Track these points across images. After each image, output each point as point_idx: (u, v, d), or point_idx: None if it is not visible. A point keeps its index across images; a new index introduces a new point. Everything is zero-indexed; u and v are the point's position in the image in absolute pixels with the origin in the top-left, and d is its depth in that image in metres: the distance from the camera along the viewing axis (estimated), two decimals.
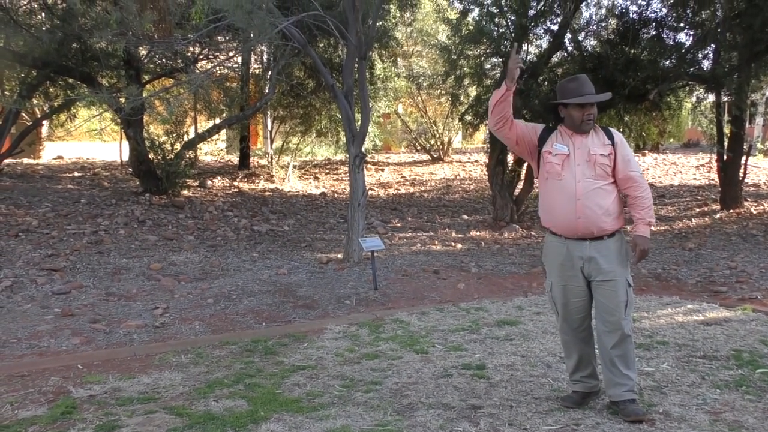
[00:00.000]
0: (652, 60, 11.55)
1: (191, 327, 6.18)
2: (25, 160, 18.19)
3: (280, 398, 4.24)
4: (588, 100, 3.91)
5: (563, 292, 4.02)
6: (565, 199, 3.90)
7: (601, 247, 3.89)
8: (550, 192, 4.00)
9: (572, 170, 3.90)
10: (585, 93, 3.93)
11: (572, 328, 4.06)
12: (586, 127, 3.94)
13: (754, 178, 17.41)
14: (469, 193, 17.23)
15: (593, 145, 3.93)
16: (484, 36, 12.15)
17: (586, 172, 3.88)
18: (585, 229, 3.87)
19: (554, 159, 3.95)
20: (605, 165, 3.89)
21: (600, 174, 3.88)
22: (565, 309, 4.04)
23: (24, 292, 7.26)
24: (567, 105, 3.96)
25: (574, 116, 3.94)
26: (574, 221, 3.89)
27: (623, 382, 3.90)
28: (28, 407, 4.12)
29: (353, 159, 9.19)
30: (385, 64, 17.50)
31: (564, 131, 4.02)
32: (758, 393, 4.22)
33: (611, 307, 3.89)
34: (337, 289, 7.65)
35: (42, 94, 14.07)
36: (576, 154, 3.92)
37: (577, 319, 4.04)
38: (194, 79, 9.07)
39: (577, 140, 3.95)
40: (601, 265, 3.88)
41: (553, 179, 3.96)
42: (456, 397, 4.24)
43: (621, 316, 3.87)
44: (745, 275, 8.31)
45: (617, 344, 3.90)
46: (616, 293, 3.88)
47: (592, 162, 3.89)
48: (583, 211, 3.86)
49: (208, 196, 14.09)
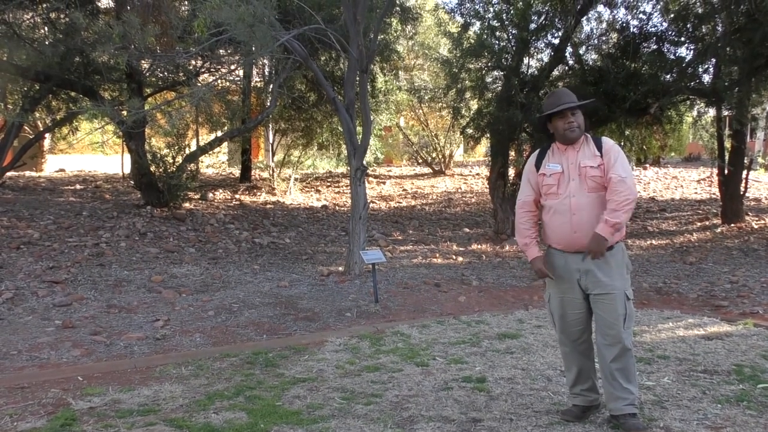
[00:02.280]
0: (653, 74, 11.59)
1: (192, 339, 6.17)
2: (27, 173, 18.25)
3: (281, 410, 4.23)
4: (563, 107, 3.95)
5: (561, 303, 4.03)
6: (562, 214, 3.93)
7: (598, 260, 3.90)
8: (548, 209, 4.03)
9: (566, 186, 3.93)
10: (562, 103, 3.96)
11: (571, 340, 4.06)
12: (570, 134, 3.96)
13: (755, 193, 17.42)
14: (471, 206, 17.24)
15: (583, 158, 3.94)
16: (485, 49, 12.19)
17: (580, 186, 3.90)
18: (581, 242, 3.88)
19: (550, 180, 3.99)
20: (596, 177, 3.88)
21: (593, 187, 3.89)
22: (563, 321, 4.05)
23: (25, 304, 7.27)
24: (551, 119, 4.01)
25: (557, 127, 3.99)
26: (571, 236, 3.90)
27: (624, 396, 3.88)
28: (28, 419, 4.11)
29: (354, 172, 9.21)
30: (386, 78, 17.54)
31: (557, 147, 4.06)
32: (759, 408, 4.20)
33: (610, 320, 3.88)
34: (338, 301, 7.65)
35: (44, 107, 14.13)
36: (569, 170, 3.95)
37: (575, 331, 4.04)
38: (196, 92, 9.11)
39: (570, 155, 3.98)
40: (599, 278, 3.88)
41: (550, 198, 4.00)
42: (456, 410, 4.23)
43: (620, 330, 3.86)
44: (746, 290, 8.30)
45: (617, 357, 3.88)
46: (614, 306, 3.87)
47: (583, 176, 3.90)
48: (578, 225, 3.87)
49: (210, 208, 14.11)
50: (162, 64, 11.49)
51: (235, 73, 14.35)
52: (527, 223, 4.14)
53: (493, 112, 12.39)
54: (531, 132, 12.66)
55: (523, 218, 4.15)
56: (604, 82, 11.42)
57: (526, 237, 4.12)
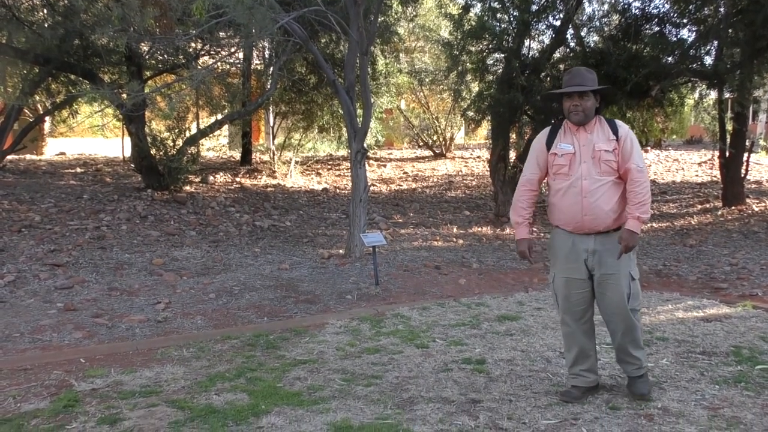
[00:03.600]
0: (655, 56, 11.53)
1: (193, 321, 6.20)
2: (27, 156, 18.23)
3: (281, 392, 4.26)
4: (566, 90, 3.94)
5: (566, 284, 4.05)
6: (572, 196, 3.93)
7: (606, 241, 3.92)
8: (557, 190, 4.02)
9: (578, 168, 3.92)
10: (572, 84, 3.94)
11: (574, 320, 4.09)
12: (574, 118, 3.95)
13: (756, 175, 17.39)
14: (471, 189, 17.23)
15: (598, 140, 3.92)
16: (486, 31, 12.13)
17: (592, 169, 3.89)
18: (591, 225, 3.91)
19: (561, 160, 3.97)
20: (610, 161, 3.88)
21: (605, 170, 3.89)
22: (567, 301, 4.07)
23: (27, 287, 7.29)
24: (561, 97, 4.01)
25: (564, 107, 3.99)
26: (581, 218, 3.92)
27: (632, 362, 4.10)
28: (31, 400, 4.14)
29: (355, 155, 9.20)
30: (387, 60, 17.48)
31: (568, 127, 4.04)
32: (757, 389, 4.23)
33: (615, 299, 3.95)
34: (339, 284, 7.67)
35: (44, 90, 14.09)
36: (581, 152, 3.93)
37: (579, 311, 4.07)
38: (196, 75, 9.09)
39: (582, 136, 3.95)
40: (605, 259, 3.92)
41: (560, 179, 3.98)
42: (456, 391, 4.26)
43: (624, 308, 3.94)
44: (746, 272, 8.32)
45: (625, 333, 4.02)
46: (619, 286, 3.93)
47: (596, 159, 3.89)
48: (589, 208, 3.89)
49: (210, 191, 14.11)
50: (161, 46, 11.43)
51: (235, 56, 14.27)
52: (526, 202, 4.11)
53: (494, 95, 12.35)
54: (532, 115, 12.63)
55: (524, 196, 4.11)
56: (606, 65, 11.36)
57: (520, 216, 4.10)
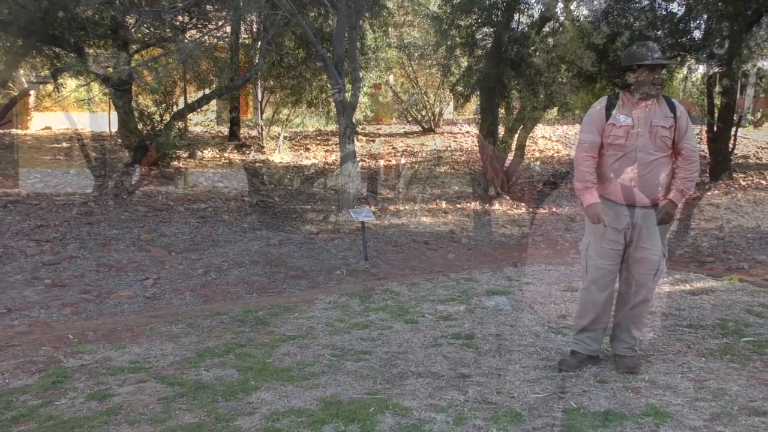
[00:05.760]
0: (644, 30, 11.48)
1: (182, 297, 6.19)
2: (12, 130, 18.02)
3: (271, 367, 4.26)
4: (657, 61, 3.95)
5: (599, 253, 4.10)
6: (625, 168, 3.98)
7: (648, 215, 3.99)
8: (609, 161, 4.04)
9: (634, 141, 3.95)
10: (656, 58, 3.96)
11: (600, 289, 4.14)
12: (654, 91, 3.97)
13: (743, 150, 17.45)
14: (460, 164, 17.20)
15: (655, 116, 3.96)
16: (475, 5, 12.05)
17: (648, 143, 3.94)
18: (640, 197, 3.97)
19: (618, 131, 3.99)
20: (666, 137, 3.95)
21: (660, 146, 3.95)
22: (597, 270, 4.12)
23: (14, 262, 7.25)
24: (636, 69, 3.98)
25: (643, 80, 3.97)
26: (631, 190, 3.97)
27: (627, 341, 4.19)
28: (20, 377, 4.13)
29: (344, 130, 9.16)
30: (375, 34, 17.32)
31: (627, 100, 4.05)
32: (742, 361, 4.28)
33: (642, 272, 4.05)
34: (328, 259, 7.67)
35: (28, 63, 13.88)
36: (639, 125, 3.96)
37: (607, 281, 4.13)
38: (183, 49, 9.00)
39: (640, 110, 3.99)
40: (643, 234, 3.99)
41: (614, 149, 4.01)
42: (445, 366, 4.28)
43: (648, 283, 4.06)
44: (732, 246, 8.39)
45: (636, 305, 4.12)
46: (650, 261, 4.02)
47: (653, 134, 3.94)
48: (641, 181, 3.94)
49: (198, 167, 14.03)
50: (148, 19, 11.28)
51: (223, 30, 14.12)
52: (590, 167, 4.06)
53: (483, 69, 12.30)
54: (521, 89, 12.58)
55: (587, 162, 4.07)
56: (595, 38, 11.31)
57: (587, 181, 4.05)
